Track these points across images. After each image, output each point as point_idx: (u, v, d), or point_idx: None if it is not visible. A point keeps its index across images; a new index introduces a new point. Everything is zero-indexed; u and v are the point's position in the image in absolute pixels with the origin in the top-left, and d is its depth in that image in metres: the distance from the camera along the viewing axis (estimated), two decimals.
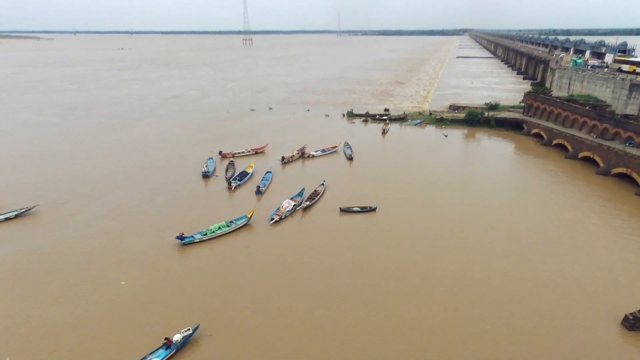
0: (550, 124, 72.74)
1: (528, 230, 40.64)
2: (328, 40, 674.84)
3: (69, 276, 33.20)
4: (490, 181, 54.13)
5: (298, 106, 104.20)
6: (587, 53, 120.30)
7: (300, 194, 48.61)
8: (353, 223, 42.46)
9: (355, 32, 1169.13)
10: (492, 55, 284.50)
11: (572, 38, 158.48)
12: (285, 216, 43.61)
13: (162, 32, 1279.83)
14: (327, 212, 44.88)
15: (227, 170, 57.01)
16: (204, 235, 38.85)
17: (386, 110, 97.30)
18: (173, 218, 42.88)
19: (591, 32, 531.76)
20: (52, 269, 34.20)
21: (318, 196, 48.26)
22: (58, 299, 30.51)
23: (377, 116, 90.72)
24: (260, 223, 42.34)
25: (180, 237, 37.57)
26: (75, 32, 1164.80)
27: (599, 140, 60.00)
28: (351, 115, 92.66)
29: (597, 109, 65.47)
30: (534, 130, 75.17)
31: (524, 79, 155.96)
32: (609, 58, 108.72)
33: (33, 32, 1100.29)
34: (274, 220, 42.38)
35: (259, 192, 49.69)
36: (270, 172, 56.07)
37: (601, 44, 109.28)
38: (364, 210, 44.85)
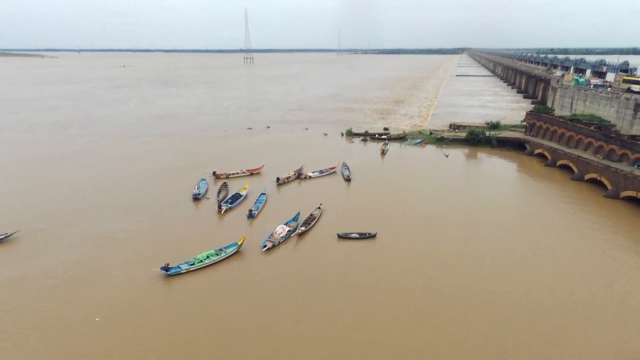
0: (554, 144, 70.84)
1: (536, 258, 38.11)
2: (328, 58, 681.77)
3: (36, 312, 30.53)
4: (495, 205, 51.75)
5: (296, 125, 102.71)
6: (588, 72, 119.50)
7: (295, 218, 46.22)
8: (352, 251, 39.98)
9: (355, 51, 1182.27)
10: (491, 74, 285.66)
11: (572, 57, 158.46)
12: (279, 243, 41.15)
13: (166, 50, 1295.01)
14: (323, 239, 42.42)
15: (219, 192, 54.74)
16: (191, 265, 36.33)
17: (385, 129, 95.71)
18: (159, 246, 40.38)
19: (589, 51, 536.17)
20: (18, 305, 31.51)
21: (314, 221, 45.88)
22: (19, 344, 27.69)
23: (377, 135, 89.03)
24: (251, 251, 39.85)
25: (166, 268, 35.04)
26: (80, 50, 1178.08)
27: (606, 162, 57.92)
28: (350, 134, 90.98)
29: (602, 130, 63.65)
30: (537, 151, 73.23)
31: (524, 97, 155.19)
32: (610, 77, 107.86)
33: (38, 50, 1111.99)
34: (266, 248, 39.90)
35: (251, 215, 47.30)
36: (264, 194, 53.80)
37: (602, 63, 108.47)
38: (363, 236, 42.40)
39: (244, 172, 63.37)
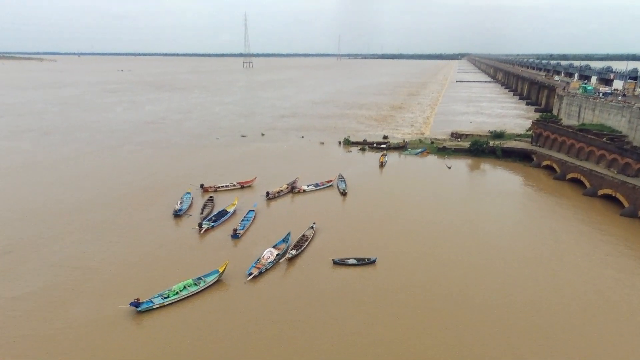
0: (562, 156, 66.92)
1: (555, 291, 34.00)
2: (328, 63, 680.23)
3: None
4: (503, 225, 47.63)
5: (292, 132, 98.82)
6: (593, 79, 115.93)
7: (285, 239, 42.07)
8: (348, 280, 35.81)
9: (355, 56, 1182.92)
10: (491, 80, 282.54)
11: (576, 63, 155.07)
12: (267, 269, 36.98)
13: (166, 54, 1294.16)
14: (317, 265, 38.26)
15: (203, 207, 50.46)
16: (165, 298, 32.09)
17: (385, 137, 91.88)
18: (130, 273, 36.10)
19: (588, 57, 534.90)
20: None
21: (307, 242, 41.72)
22: None
23: (375, 144, 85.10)
24: (235, 279, 35.68)
25: (136, 304, 30.73)
26: (80, 54, 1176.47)
27: (622, 177, 53.97)
28: (348, 143, 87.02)
29: (616, 141, 59.77)
30: (545, 162, 69.29)
31: (527, 104, 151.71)
32: (617, 84, 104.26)
33: (38, 53, 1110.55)
34: (252, 276, 35.72)
35: (235, 236, 43.05)
36: (253, 210, 49.64)
37: (609, 69, 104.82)
38: (361, 262, 38.25)
39: (234, 185, 59.23)
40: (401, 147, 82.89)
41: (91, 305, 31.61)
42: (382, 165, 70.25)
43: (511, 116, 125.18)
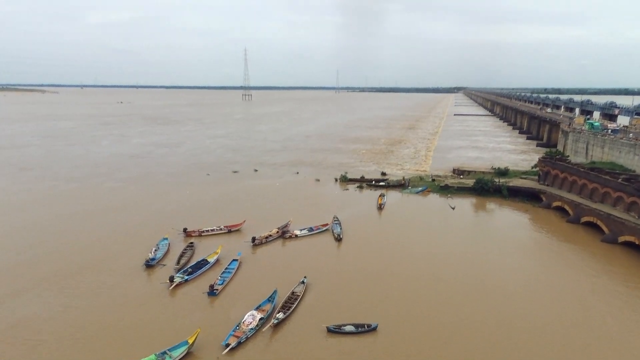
0: (574, 197, 62.30)
1: None
2: (326, 95, 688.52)
3: None
4: (517, 279, 42.18)
5: (286, 168, 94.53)
6: (596, 114, 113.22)
7: (270, 298, 36.51)
8: (346, 352, 30.15)
9: (353, 89, 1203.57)
10: (489, 113, 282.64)
11: (577, 97, 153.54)
12: (247, 338, 31.35)
13: (167, 87, 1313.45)
14: (308, 332, 32.54)
15: (181, 256, 44.87)
16: None
17: (383, 174, 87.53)
18: (81, 346, 30.27)
19: (581, 92, 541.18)
20: None
21: (296, 302, 36.18)
22: None
23: (374, 181, 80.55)
24: (208, 350, 29.99)
25: None
26: (82, 86, 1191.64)
27: None
28: (345, 180, 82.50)
29: (634, 182, 55.27)
30: (556, 203, 64.58)
31: (527, 138, 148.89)
32: (622, 120, 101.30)
33: (42, 85, 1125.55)
34: (229, 347, 30.00)
35: (212, 293, 37.39)
36: (236, 260, 44.19)
37: (612, 105, 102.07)
38: (361, 330, 32.57)
39: (221, 229, 53.68)
40: (401, 185, 78.32)
41: None
42: (380, 207, 64.30)
43: (513, 151, 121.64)
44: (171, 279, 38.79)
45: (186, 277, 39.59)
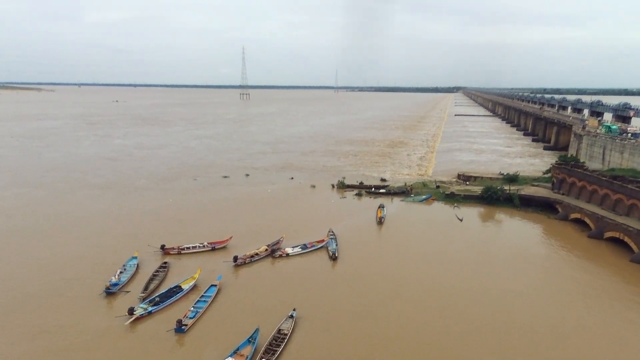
0: (595, 208, 56.33)
1: None
2: (326, 95, 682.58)
3: None
4: (537, 309, 36.21)
5: (280, 172, 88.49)
6: (608, 116, 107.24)
7: (251, 339, 30.38)
8: None
9: (352, 88, 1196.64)
10: (491, 114, 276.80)
11: (586, 98, 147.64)
12: None
13: (166, 86, 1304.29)
14: None
15: (151, 280, 38.67)
16: None
17: (383, 180, 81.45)
18: None
19: (581, 92, 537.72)
20: None
21: (283, 344, 30.12)
22: None
23: (373, 188, 74.51)
24: None
25: None
26: (80, 84, 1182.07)
27: None
28: (342, 186, 76.40)
29: None
30: (574, 215, 58.58)
31: (533, 140, 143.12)
32: (635, 122, 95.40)
33: (39, 83, 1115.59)
34: None
35: (180, 329, 31.23)
36: (215, 285, 38.09)
37: (627, 106, 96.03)
38: None
39: (204, 247, 47.27)
40: (402, 193, 72.25)
41: None
42: (380, 222, 57.14)
43: (520, 155, 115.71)
44: (130, 311, 32.51)
45: (150, 309, 33.36)
